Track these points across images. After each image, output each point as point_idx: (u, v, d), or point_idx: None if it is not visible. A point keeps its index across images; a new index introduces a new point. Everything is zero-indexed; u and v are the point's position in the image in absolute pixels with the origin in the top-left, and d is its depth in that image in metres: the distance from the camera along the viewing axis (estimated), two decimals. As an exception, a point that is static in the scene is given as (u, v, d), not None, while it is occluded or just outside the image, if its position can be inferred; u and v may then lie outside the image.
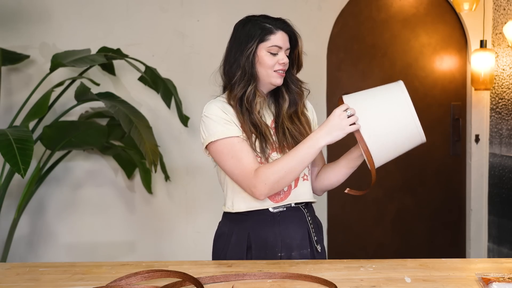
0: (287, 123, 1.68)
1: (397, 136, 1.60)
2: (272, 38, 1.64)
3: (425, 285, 1.37)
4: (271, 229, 1.66)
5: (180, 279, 1.35)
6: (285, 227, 1.66)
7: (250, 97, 1.65)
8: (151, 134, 2.78)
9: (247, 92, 1.65)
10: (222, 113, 1.64)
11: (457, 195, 3.52)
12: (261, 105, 1.69)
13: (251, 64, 1.64)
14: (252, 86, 1.65)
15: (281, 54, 1.65)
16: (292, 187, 1.68)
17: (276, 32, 1.65)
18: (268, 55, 1.64)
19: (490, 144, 3.40)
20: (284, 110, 1.69)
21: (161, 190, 3.21)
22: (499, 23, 3.25)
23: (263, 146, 1.63)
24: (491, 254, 3.38)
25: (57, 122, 2.83)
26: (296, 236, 1.67)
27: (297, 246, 1.67)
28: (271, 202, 1.66)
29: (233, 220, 1.70)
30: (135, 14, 3.15)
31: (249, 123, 1.64)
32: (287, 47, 1.67)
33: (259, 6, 3.16)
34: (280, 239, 1.66)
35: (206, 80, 3.18)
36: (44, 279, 1.44)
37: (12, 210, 3.01)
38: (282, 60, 1.65)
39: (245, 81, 1.65)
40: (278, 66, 1.65)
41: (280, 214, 1.67)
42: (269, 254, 1.65)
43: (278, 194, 1.66)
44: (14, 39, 3.05)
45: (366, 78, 3.42)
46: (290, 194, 1.67)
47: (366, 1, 3.40)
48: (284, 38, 1.66)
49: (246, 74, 1.65)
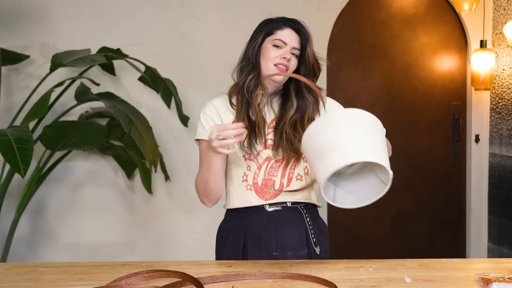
0: (287, 128, 1.65)
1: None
2: (278, 33, 1.65)
3: (425, 285, 1.37)
4: (266, 228, 1.66)
5: (180, 279, 1.35)
6: (280, 227, 1.66)
7: (250, 86, 1.66)
8: (151, 134, 2.78)
9: (247, 81, 1.66)
10: (213, 112, 1.69)
11: (457, 195, 3.53)
12: (262, 100, 1.67)
13: (256, 55, 1.67)
14: (253, 75, 1.66)
15: (284, 50, 1.64)
16: (284, 186, 1.67)
17: (284, 28, 1.65)
18: (272, 47, 1.65)
19: (490, 144, 3.40)
20: (289, 115, 1.66)
21: (161, 190, 3.21)
22: (499, 23, 3.25)
23: (252, 141, 1.64)
24: (491, 254, 3.38)
25: (57, 122, 2.83)
26: (292, 236, 1.66)
27: (292, 247, 1.66)
28: (260, 199, 1.66)
29: (232, 218, 1.72)
30: (135, 14, 3.15)
31: (245, 115, 1.65)
32: (293, 46, 1.65)
33: (259, 6, 3.16)
34: (275, 238, 1.65)
35: (206, 80, 3.21)
36: (44, 279, 1.44)
37: (12, 210, 3.01)
38: (284, 55, 1.64)
39: (247, 71, 1.67)
40: (279, 60, 1.64)
41: (276, 213, 1.67)
42: (264, 253, 1.65)
43: (267, 192, 1.66)
44: (14, 39, 3.05)
45: (366, 78, 3.42)
46: (282, 193, 1.67)
47: (366, 1, 3.40)
48: (292, 36, 1.65)
49: (249, 64, 1.67)
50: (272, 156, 1.67)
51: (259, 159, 1.67)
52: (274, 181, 1.66)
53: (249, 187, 1.67)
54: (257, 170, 1.66)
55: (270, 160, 1.66)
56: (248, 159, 1.67)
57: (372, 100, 3.43)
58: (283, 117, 1.67)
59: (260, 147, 1.66)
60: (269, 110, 1.70)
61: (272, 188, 1.66)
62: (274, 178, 1.66)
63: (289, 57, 1.65)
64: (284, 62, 1.64)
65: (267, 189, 1.66)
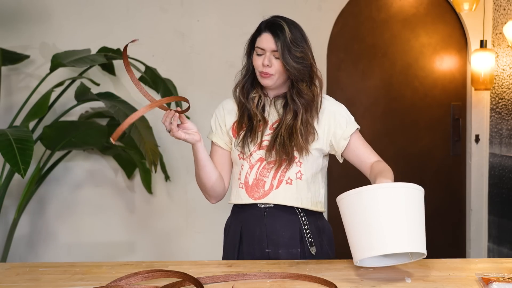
0: (283, 131, 1.65)
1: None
2: (258, 40, 1.65)
3: (425, 285, 1.37)
4: (257, 223, 1.69)
5: (180, 279, 1.35)
6: (271, 224, 1.68)
7: (246, 86, 1.71)
8: (151, 134, 2.78)
9: (242, 81, 1.72)
10: (220, 112, 1.77)
11: (457, 195, 3.52)
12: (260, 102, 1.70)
13: (249, 61, 1.71)
14: (247, 77, 1.71)
15: (264, 56, 1.63)
16: (274, 187, 1.68)
17: (262, 33, 1.65)
18: (256, 56, 1.66)
19: (490, 144, 3.40)
20: (287, 119, 1.66)
21: (161, 190, 3.21)
22: (499, 23, 3.25)
23: (246, 141, 1.68)
24: (491, 254, 3.38)
25: (57, 122, 2.83)
26: (284, 234, 1.68)
27: (284, 244, 1.67)
28: (250, 198, 1.69)
29: (233, 213, 1.80)
30: (135, 14, 3.15)
31: (245, 114, 1.71)
32: (271, 49, 1.62)
33: (259, 6, 3.16)
34: (266, 234, 1.67)
35: (206, 80, 3.22)
36: (44, 279, 1.44)
37: (12, 210, 3.01)
38: (263, 62, 1.63)
39: (243, 73, 1.72)
40: (261, 68, 1.64)
41: (268, 210, 1.69)
42: (257, 249, 1.68)
43: (257, 191, 1.68)
44: (14, 39, 3.05)
45: (366, 78, 3.42)
46: (270, 193, 1.68)
47: (366, 1, 3.40)
48: (268, 40, 1.62)
49: (245, 66, 1.72)
50: (265, 157, 1.67)
51: (252, 160, 1.70)
52: (265, 182, 1.68)
53: (241, 185, 1.71)
54: (249, 170, 1.70)
55: (263, 161, 1.68)
56: (242, 158, 1.71)
57: (372, 100, 3.43)
58: (282, 120, 1.68)
59: (254, 148, 1.69)
60: (273, 112, 1.71)
61: (262, 188, 1.68)
62: (265, 179, 1.68)
63: (267, 62, 1.62)
64: (264, 70, 1.63)
65: (257, 188, 1.69)
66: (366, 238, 1.37)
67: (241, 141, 1.69)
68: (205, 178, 1.69)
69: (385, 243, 1.35)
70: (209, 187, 1.71)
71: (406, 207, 1.37)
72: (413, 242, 1.37)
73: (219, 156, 1.76)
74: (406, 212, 1.37)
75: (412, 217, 1.38)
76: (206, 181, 1.70)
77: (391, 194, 1.38)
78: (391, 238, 1.35)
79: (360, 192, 1.39)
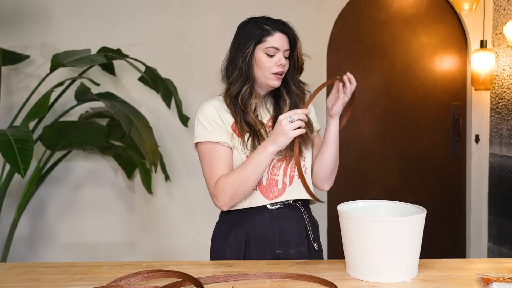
0: None
1: None
2: (269, 40, 1.64)
3: (425, 285, 1.37)
4: (269, 225, 1.66)
5: (180, 279, 1.35)
6: (283, 224, 1.67)
7: (245, 97, 1.66)
8: (151, 134, 2.78)
9: (241, 91, 1.66)
10: (214, 114, 1.66)
11: (457, 195, 3.52)
12: (258, 105, 1.69)
13: (248, 65, 1.65)
14: (247, 86, 1.66)
15: (278, 56, 1.64)
16: (287, 184, 1.68)
17: (273, 33, 1.64)
18: (265, 56, 1.64)
19: (490, 144, 3.40)
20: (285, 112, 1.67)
21: (161, 190, 3.21)
22: (499, 23, 3.25)
23: (255, 144, 1.64)
24: (491, 254, 3.38)
25: (57, 122, 2.83)
26: (294, 233, 1.69)
27: (295, 243, 1.68)
28: (265, 199, 1.66)
29: (231, 219, 1.71)
30: (135, 14, 3.15)
31: (243, 122, 1.65)
32: (285, 49, 1.66)
33: (259, 7, 3.16)
34: (279, 235, 1.67)
35: (206, 80, 3.21)
36: (44, 279, 1.44)
37: (12, 210, 3.01)
38: (279, 62, 1.64)
39: (241, 81, 1.66)
40: (276, 68, 1.64)
41: (278, 211, 1.68)
42: (268, 251, 1.66)
43: (272, 191, 1.66)
44: (14, 39, 3.05)
45: (366, 78, 3.42)
46: (285, 191, 1.68)
47: (366, 1, 3.40)
48: (282, 40, 1.65)
49: (243, 74, 1.66)
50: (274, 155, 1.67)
51: None
52: (277, 180, 1.67)
53: (255, 187, 1.66)
54: None
55: (272, 160, 1.67)
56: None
57: (372, 100, 3.43)
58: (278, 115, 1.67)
59: None
60: (264, 111, 1.72)
61: (276, 187, 1.67)
62: (276, 177, 1.67)
63: (283, 62, 1.65)
64: (280, 70, 1.65)
65: (271, 188, 1.67)
66: (360, 261, 1.41)
67: (251, 144, 1.64)
68: (256, 182, 1.61)
69: (381, 273, 1.38)
70: (247, 192, 1.63)
71: (403, 239, 1.39)
72: (405, 273, 1.40)
73: (228, 155, 1.65)
74: (403, 243, 1.39)
75: (409, 247, 1.40)
76: (253, 185, 1.61)
77: (391, 228, 1.39)
78: (385, 269, 1.38)
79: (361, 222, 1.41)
